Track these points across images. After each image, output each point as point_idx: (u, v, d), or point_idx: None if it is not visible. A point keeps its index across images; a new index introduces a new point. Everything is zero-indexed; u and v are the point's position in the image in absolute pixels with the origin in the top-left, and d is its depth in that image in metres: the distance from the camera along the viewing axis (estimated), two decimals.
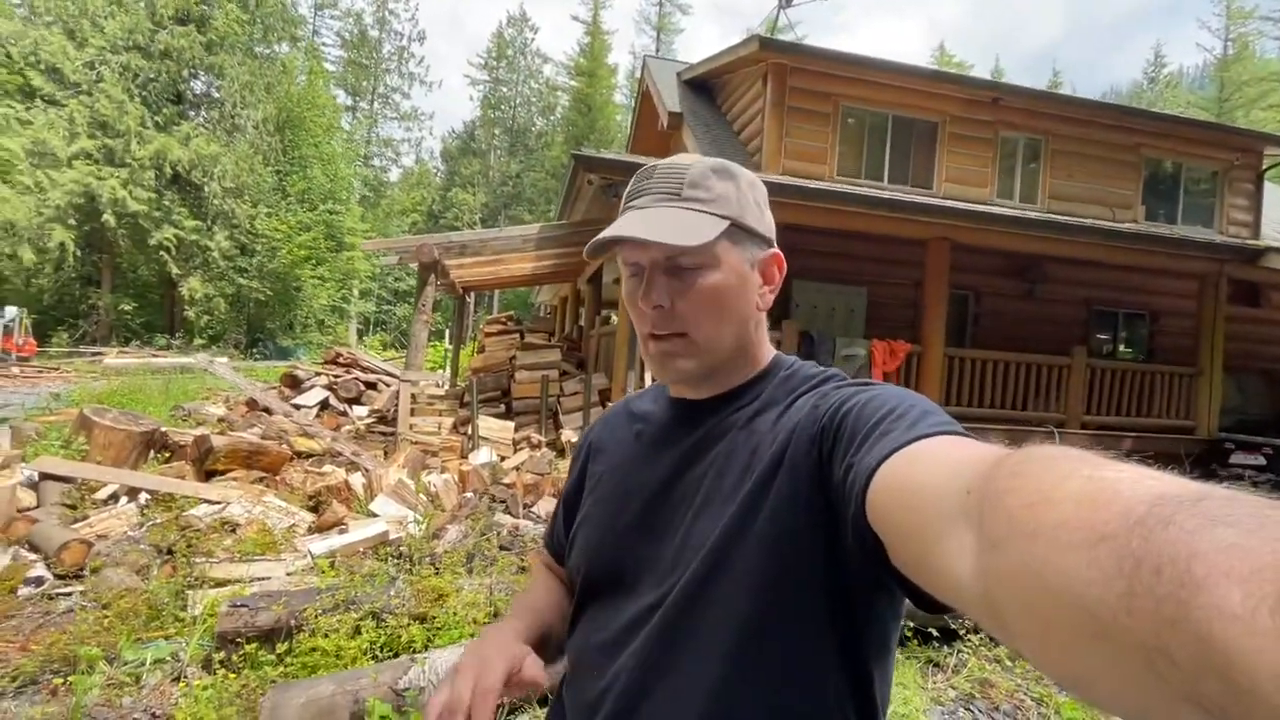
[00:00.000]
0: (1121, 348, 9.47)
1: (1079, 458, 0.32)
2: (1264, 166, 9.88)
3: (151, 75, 20.16)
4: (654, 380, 0.80)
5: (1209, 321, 7.21)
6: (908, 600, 0.53)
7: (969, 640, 2.82)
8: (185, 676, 2.46)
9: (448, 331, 14.26)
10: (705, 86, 10.02)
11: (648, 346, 0.70)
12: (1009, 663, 2.80)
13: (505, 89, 40.87)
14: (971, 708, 2.51)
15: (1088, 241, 6.75)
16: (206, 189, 20.78)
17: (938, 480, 0.40)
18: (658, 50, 37.44)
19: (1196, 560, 0.22)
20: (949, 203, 7.03)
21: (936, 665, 2.80)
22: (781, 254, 0.73)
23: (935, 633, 2.90)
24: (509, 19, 41.48)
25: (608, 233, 0.66)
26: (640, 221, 0.66)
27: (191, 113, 22.36)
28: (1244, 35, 35.72)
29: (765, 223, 0.72)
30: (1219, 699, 0.21)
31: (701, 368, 0.69)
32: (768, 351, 0.74)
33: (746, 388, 0.71)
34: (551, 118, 41.17)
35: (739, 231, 0.68)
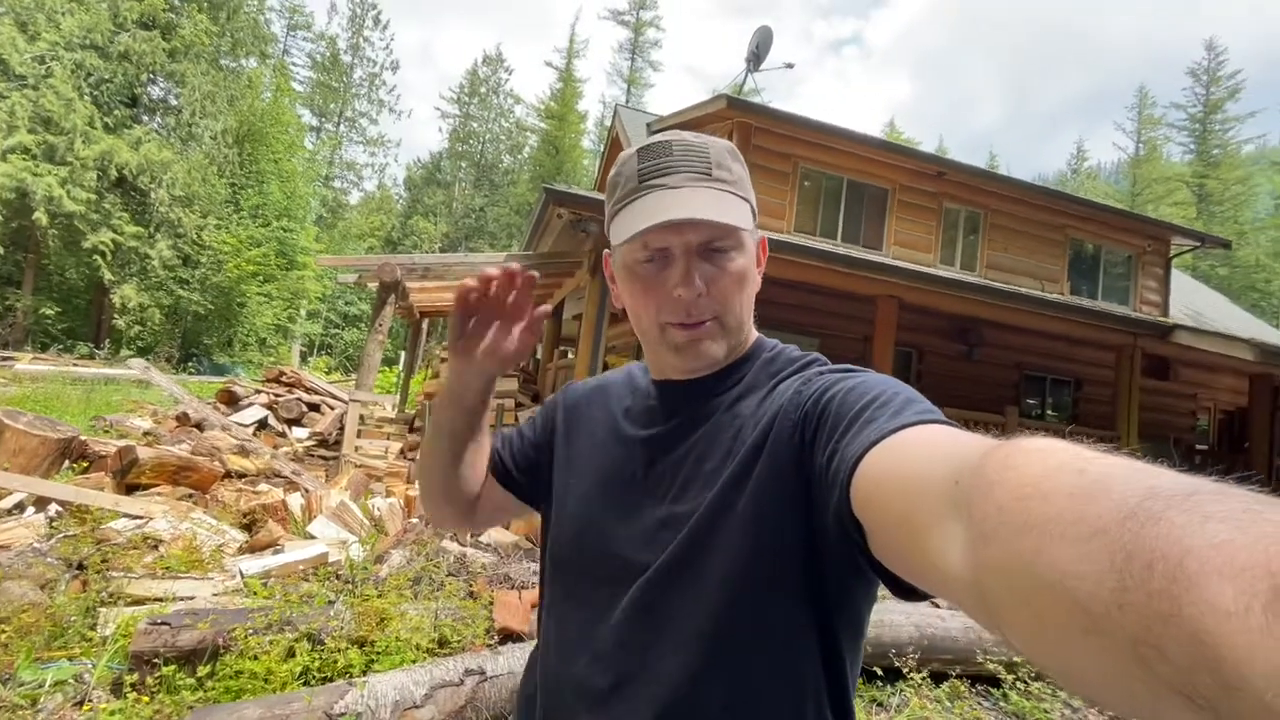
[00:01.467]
0: (1049, 411, 10.07)
1: (1070, 451, 0.32)
2: (1171, 254, 10.91)
3: (106, 76, 19.47)
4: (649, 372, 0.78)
5: (1125, 390, 7.78)
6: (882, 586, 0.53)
7: (911, 679, 2.87)
8: (90, 700, 2.25)
9: (402, 357, 13.91)
10: None
11: (670, 336, 0.67)
12: (948, 703, 2.86)
13: (475, 124, 41.29)
14: None
15: (1023, 309, 7.24)
16: (153, 195, 19.92)
17: (924, 469, 0.41)
18: (628, 101, 38.73)
19: (1189, 556, 0.22)
20: (899, 263, 7.46)
21: (880, 705, 2.83)
22: (765, 238, 0.74)
23: (880, 672, 2.95)
24: (485, 58, 42.28)
25: (659, 216, 0.63)
26: (685, 201, 0.64)
27: (146, 117, 21.62)
28: (1153, 139, 39.75)
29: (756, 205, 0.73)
30: (1210, 694, 0.21)
31: (727, 350, 0.69)
32: (753, 333, 0.74)
33: (731, 370, 0.70)
34: (519, 156, 41.73)
35: (751, 215, 0.69)
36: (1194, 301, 12.98)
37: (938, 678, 3.01)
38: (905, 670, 2.88)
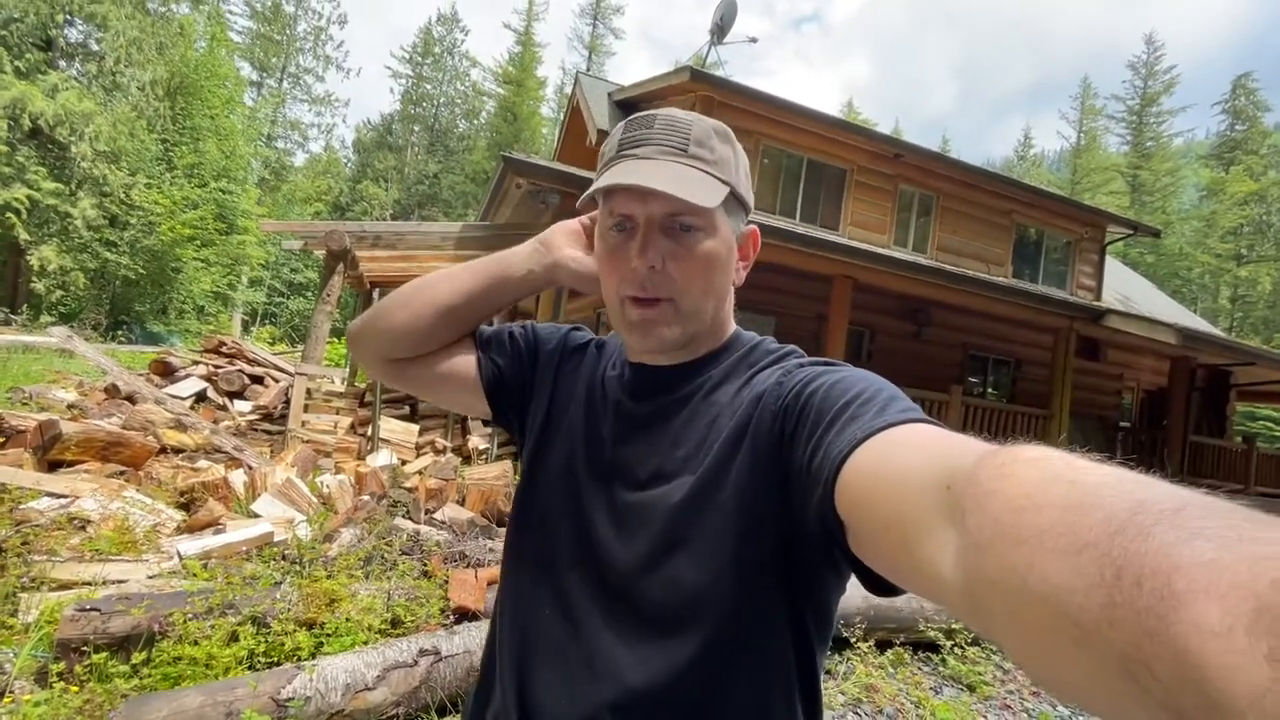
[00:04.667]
0: (990, 390, 10.54)
1: (1064, 461, 0.32)
2: (1106, 241, 11.47)
3: (15, 15, 17.75)
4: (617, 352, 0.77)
5: (1060, 371, 8.19)
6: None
7: (858, 648, 2.99)
8: (12, 691, 2.12)
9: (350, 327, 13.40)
10: (635, 108, 10.23)
11: (627, 311, 0.66)
12: (892, 669, 2.99)
13: (429, 86, 39.58)
14: (858, 711, 2.67)
15: (972, 291, 7.50)
16: (74, 149, 18.38)
17: (913, 471, 0.40)
18: (589, 69, 37.80)
19: (1177, 574, 0.23)
20: (855, 243, 7.59)
21: (828, 673, 2.95)
22: (759, 231, 0.73)
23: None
24: (439, 16, 40.37)
25: (617, 178, 0.61)
26: (649, 171, 0.61)
27: (63, 63, 19.84)
28: (1093, 129, 41.45)
29: (750, 192, 0.70)
30: (1197, 713, 0.21)
31: (683, 336, 0.67)
32: (730, 325, 0.73)
33: (708, 360, 0.70)
34: (475, 122, 40.31)
35: (733, 200, 0.66)
36: (1124, 286, 13.73)
37: (883, 645, 3.15)
38: (853, 640, 2.99)
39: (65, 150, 18.63)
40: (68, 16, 19.30)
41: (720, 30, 10.99)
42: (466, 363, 0.79)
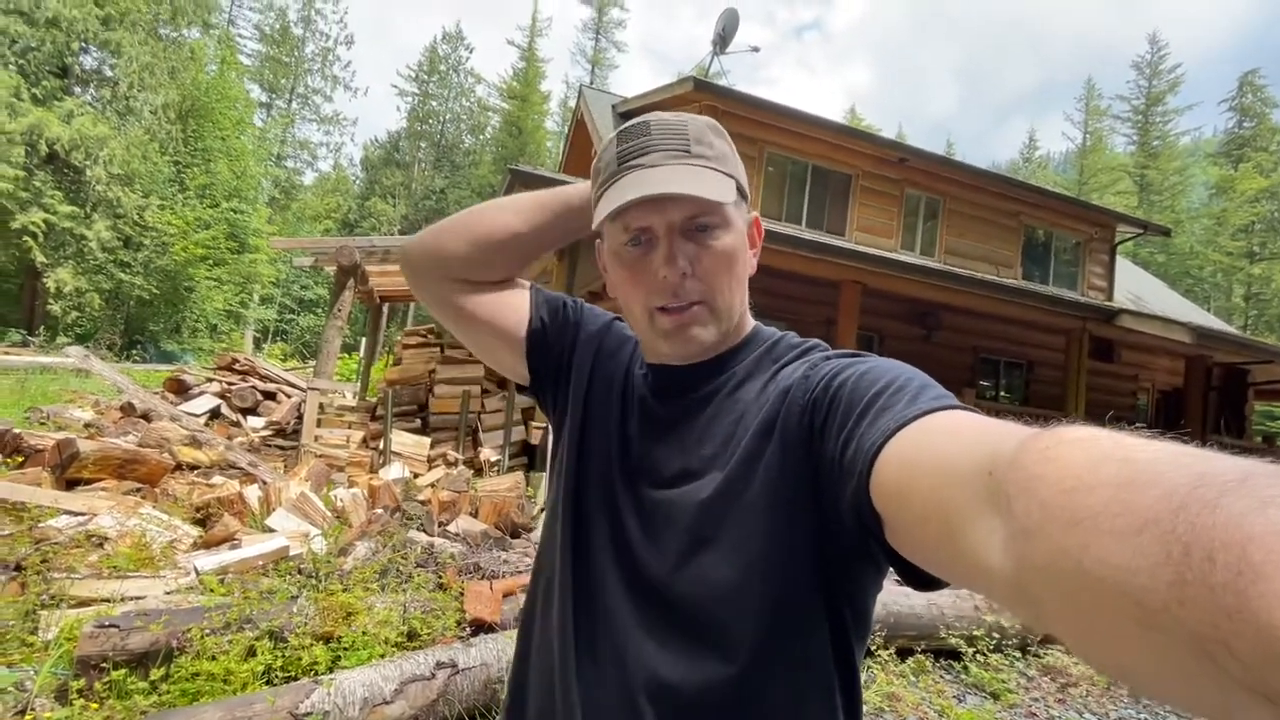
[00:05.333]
0: (1002, 393, 10.44)
1: (1113, 439, 0.31)
2: (1116, 240, 11.38)
3: (33, 44, 18.15)
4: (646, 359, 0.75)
5: (1074, 372, 8.10)
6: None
7: (879, 656, 2.95)
8: (33, 709, 2.13)
9: (362, 343, 13.54)
10: None
11: (658, 322, 0.65)
12: (913, 677, 2.95)
13: (435, 103, 40.04)
14: None
15: (981, 294, 7.45)
16: (89, 173, 18.71)
17: (952, 459, 0.39)
18: (592, 82, 38.12)
19: (1252, 545, 0.21)
20: (862, 248, 7.57)
21: None
22: (760, 218, 0.72)
23: None
24: (444, 35, 40.90)
25: (634, 191, 0.61)
26: (663, 177, 0.61)
27: (78, 89, 20.26)
28: (1099, 130, 41.25)
29: (748, 185, 0.70)
30: None
31: (718, 336, 0.66)
32: (749, 320, 0.72)
33: (730, 355, 0.69)
34: (481, 137, 40.70)
35: (737, 192, 0.66)
36: (1135, 286, 13.60)
37: (903, 653, 3.10)
38: (873, 647, 2.95)
39: (80, 174, 18.98)
40: (83, 44, 19.73)
41: (722, 40, 11.07)
42: (518, 309, 0.78)
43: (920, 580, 0.46)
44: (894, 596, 3.20)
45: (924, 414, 0.45)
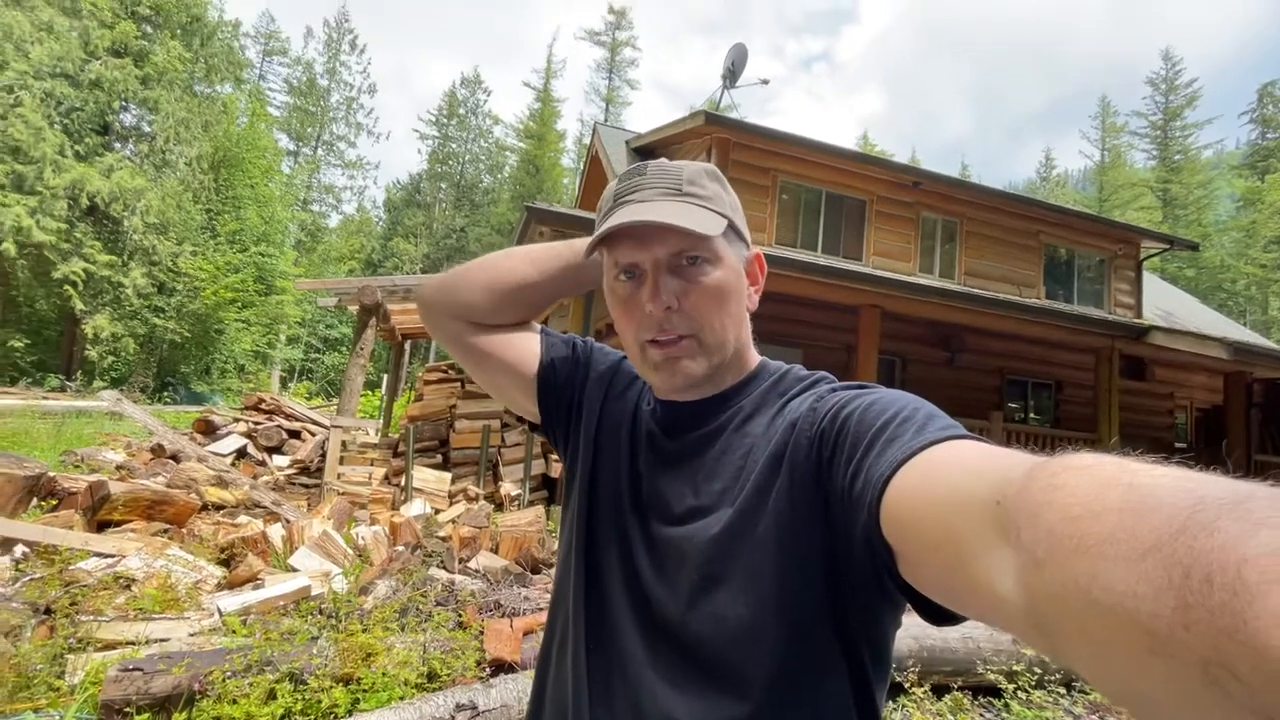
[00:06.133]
0: (1032, 415, 10.18)
1: (1116, 465, 0.31)
2: (1142, 256, 11.17)
3: (77, 104, 19.19)
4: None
5: (1105, 392, 7.89)
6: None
7: (913, 694, 2.83)
8: None
9: (384, 380, 13.74)
10: (652, 154, 10.49)
11: (648, 354, 0.66)
12: (950, 717, 2.82)
13: (454, 145, 41.30)
14: None
15: (1002, 314, 7.34)
16: (126, 223, 19.55)
17: (961, 489, 0.39)
18: (606, 119, 39.04)
19: (1246, 566, 0.22)
20: (879, 272, 7.54)
21: None
22: (762, 255, 0.73)
23: None
24: (463, 79, 42.42)
25: (625, 218, 0.62)
26: (647, 211, 0.63)
27: (118, 145, 21.30)
28: (1117, 146, 40.91)
29: (746, 226, 0.72)
30: None
31: (709, 369, 0.66)
32: (755, 354, 0.73)
33: (736, 390, 0.69)
34: (499, 175, 41.76)
35: (731, 231, 0.67)
36: (1165, 302, 13.28)
37: (939, 690, 2.97)
38: (906, 685, 2.83)
39: (119, 224, 19.82)
40: (123, 103, 20.82)
41: (732, 74, 11.29)
42: (529, 350, 0.80)
43: (936, 615, 0.45)
44: (926, 630, 3.08)
45: (931, 444, 0.45)
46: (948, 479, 0.41)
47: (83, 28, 19.37)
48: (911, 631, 3.05)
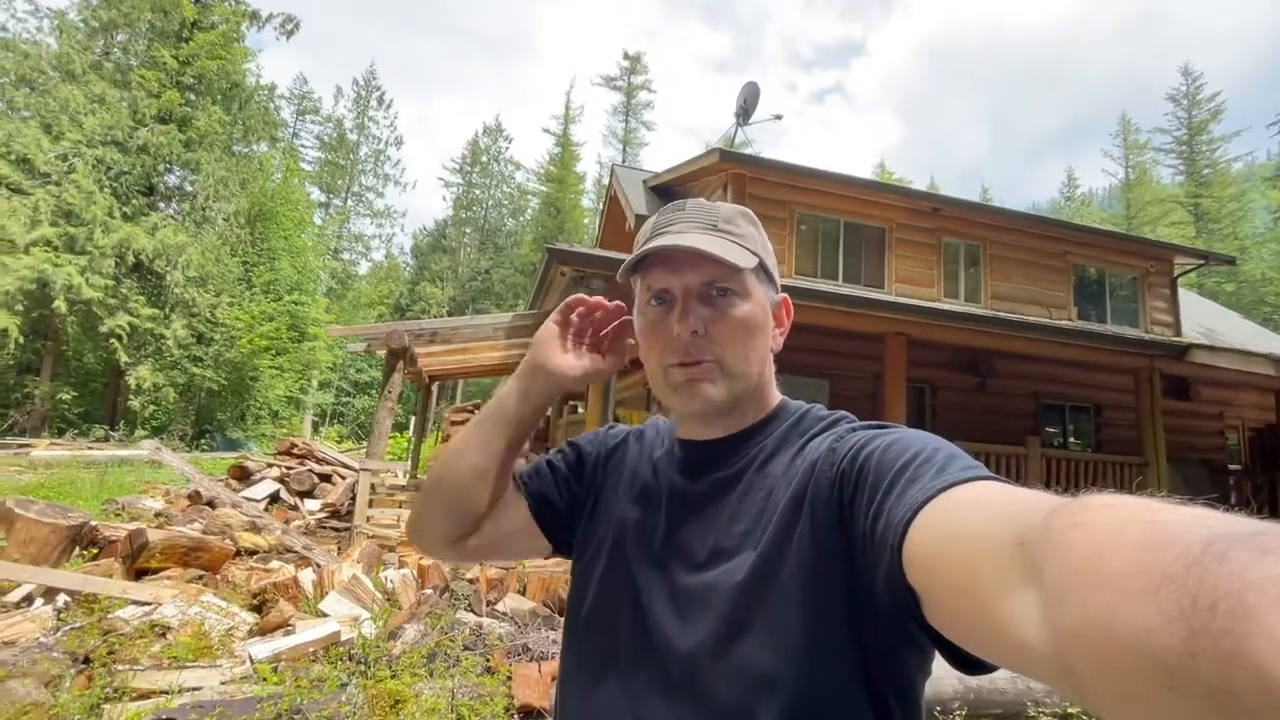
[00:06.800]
0: (1071, 439, 9.84)
1: (1137, 504, 0.31)
2: (1176, 273, 10.88)
3: (126, 169, 20.36)
4: (667, 416, 0.78)
5: (1147, 414, 7.60)
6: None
7: None
8: None
9: (412, 422, 13.93)
10: (669, 193, 10.68)
11: (670, 375, 0.67)
12: None
13: (478, 191, 42.64)
14: None
15: (1031, 337, 7.18)
16: (168, 278, 20.46)
17: (983, 531, 0.39)
18: (624, 160, 40.01)
19: (1249, 591, 0.22)
20: (901, 299, 7.47)
21: None
22: (790, 299, 0.75)
23: None
24: (485, 128, 44.04)
25: (660, 242, 0.65)
26: (684, 241, 0.65)
27: (162, 204, 22.46)
28: (1141, 163, 40.37)
29: (777, 270, 0.74)
30: None
31: (729, 396, 0.67)
32: (776, 394, 0.74)
33: (757, 429, 0.70)
34: (521, 218, 42.86)
35: (762, 272, 0.69)
36: (1205, 319, 12.86)
37: None
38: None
39: (161, 279, 20.74)
40: (168, 165, 22.02)
41: (745, 112, 11.52)
42: (518, 513, 0.79)
43: (965, 662, 0.44)
44: None
45: (952, 485, 0.44)
46: (970, 520, 0.40)
47: (132, 98, 20.69)
48: (956, 672, 2.91)
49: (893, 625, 0.50)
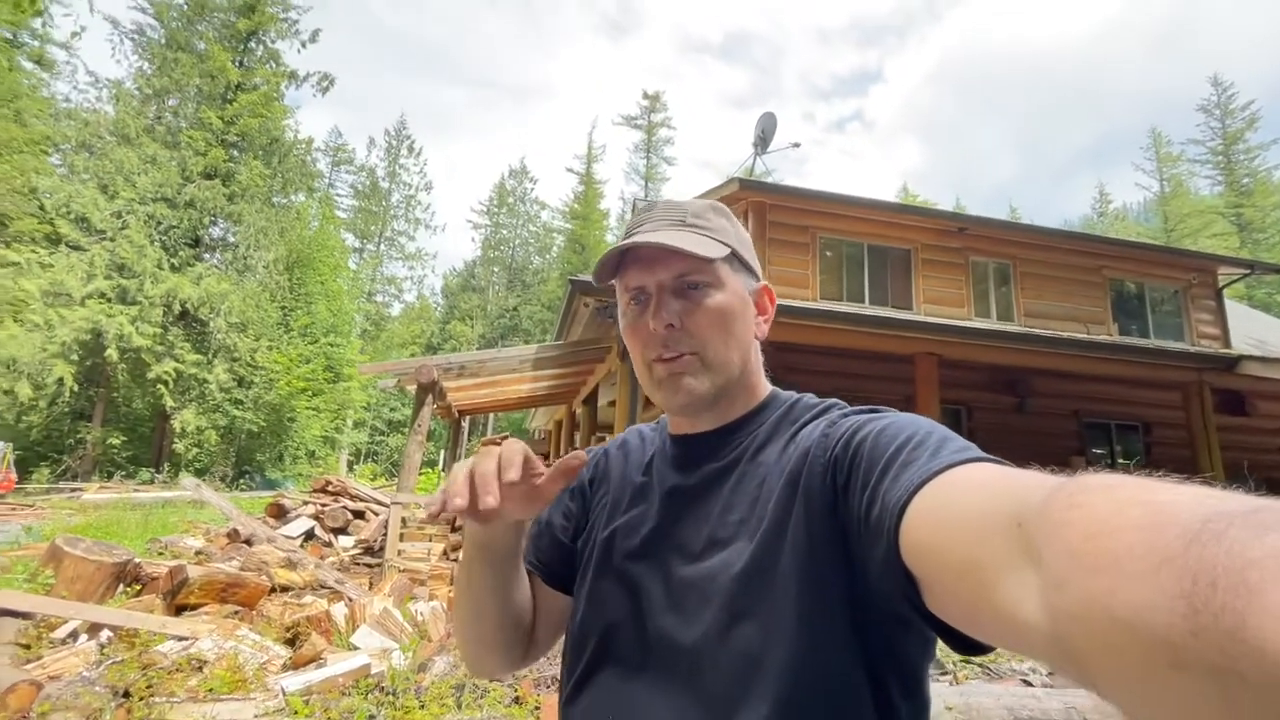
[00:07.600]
0: (1119, 459, 9.43)
1: (1136, 484, 0.31)
2: (1221, 284, 10.50)
3: (174, 223, 21.52)
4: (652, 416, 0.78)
5: (1200, 431, 7.27)
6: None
7: None
8: None
9: (442, 456, 14.07)
10: None
11: (654, 371, 0.68)
12: None
13: (505, 231, 43.83)
14: None
15: (1070, 353, 6.98)
16: (212, 324, 21.38)
17: (980, 513, 0.38)
18: (645, 195, 40.77)
19: (1250, 568, 0.22)
20: (929, 319, 7.35)
21: None
22: (771, 287, 0.75)
23: None
24: (510, 171, 45.54)
25: (629, 242, 0.68)
26: (652, 238, 0.67)
27: (206, 255, 23.61)
28: (1176, 175, 39.47)
29: (755, 260, 0.75)
30: None
31: (712, 388, 0.67)
32: (765, 384, 0.73)
33: (748, 419, 0.70)
34: (547, 256, 43.81)
35: (736, 261, 0.70)
36: (1257, 330, 12.31)
37: None
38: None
39: (205, 326, 21.66)
40: (213, 218, 23.20)
41: (763, 141, 11.67)
42: (549, 592, 0.77)
43: (963, 644, 0.43)
44: (1020, 700, 2.79)
45: (948, 467, 0.44)
46: (967, 502, 0.40)
47: (180, 157, 21.98)
48: (1003, 701, 2.77)
49: (891, 610, 0.49)
